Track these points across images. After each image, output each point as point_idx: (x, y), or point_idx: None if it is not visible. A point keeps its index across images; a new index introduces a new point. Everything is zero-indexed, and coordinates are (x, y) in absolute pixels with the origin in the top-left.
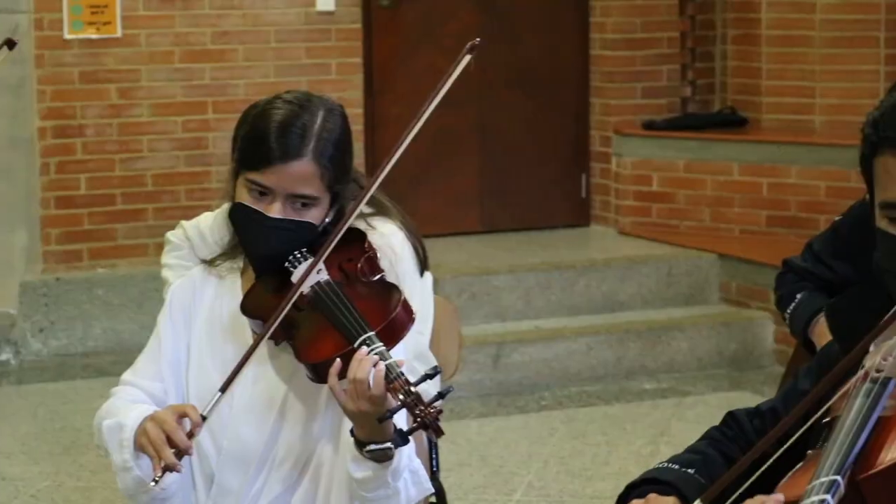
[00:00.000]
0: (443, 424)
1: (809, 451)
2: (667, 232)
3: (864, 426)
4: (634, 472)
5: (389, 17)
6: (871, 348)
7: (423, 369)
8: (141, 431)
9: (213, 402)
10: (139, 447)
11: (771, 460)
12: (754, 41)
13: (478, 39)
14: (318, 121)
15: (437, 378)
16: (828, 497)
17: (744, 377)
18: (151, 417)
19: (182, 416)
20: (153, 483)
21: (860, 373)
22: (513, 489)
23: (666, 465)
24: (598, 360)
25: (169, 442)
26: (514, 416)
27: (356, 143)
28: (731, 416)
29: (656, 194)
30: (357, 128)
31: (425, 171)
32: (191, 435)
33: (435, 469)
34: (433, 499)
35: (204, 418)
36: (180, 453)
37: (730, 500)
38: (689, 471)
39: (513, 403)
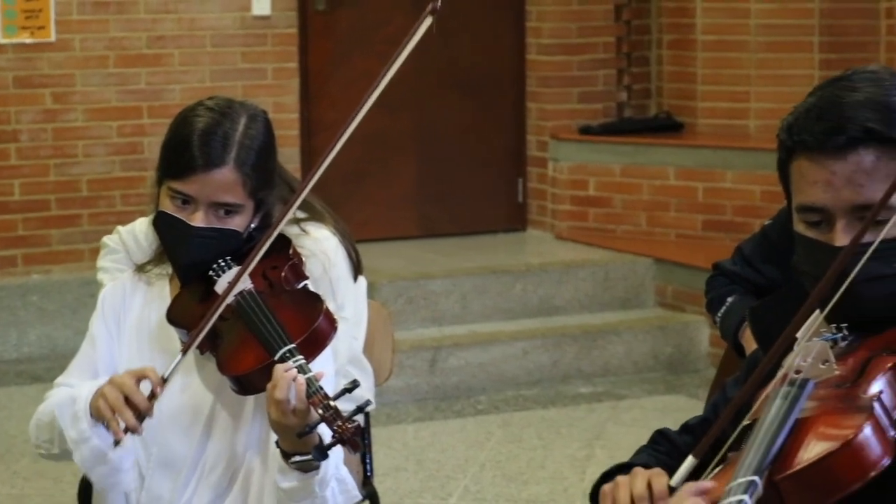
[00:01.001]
0: (379, 429)
1: (730, 454)
2: (603, 236)
3: (781, 427)
4: (570, 476)
5: (325, 22)
6: (795, 349)
7: (357, 374)
8: (98, 395)
9: (175, 363)
10: (95, 413)
11: (709, 468)
12: (690, 46)
13: (438, 2)
14: (241, 128)
15: (372, 383)
16: (745, 497)
17: (679, 381)
18: (109, 381)
19: (141, 377)
20: (115, 444)
21: (779, 374)
22: (449, 493)
23: (627, 462)
24: (535, 364)
25: (128, 403)
26: (451, 420)
27: (292, 148)
28: (660, 434)
29: (593, 199)
30: (293, 133)
31: (362, 175)
32: (152, 396)
33: (369, 474)
34: (367, 503)
35: (165, 379)
36: (141, 415)
37: None
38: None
39: (449, 408)
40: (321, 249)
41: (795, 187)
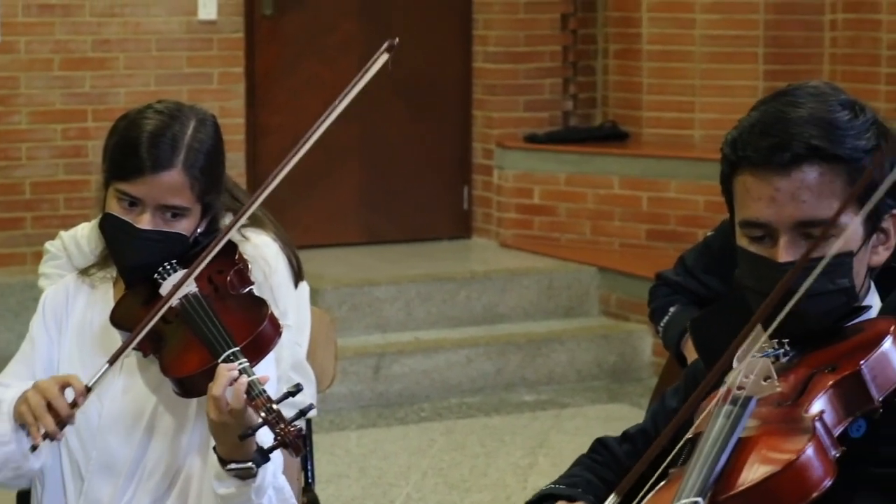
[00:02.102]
0: (322, 436)
1: (672, 470)
2: (548, 245)
3: (724, 447)
4: (512, 484)
5: (272, 27)
6: (735, 364)
7: (300, 380)
8: (21, 400)
9: (100, 373)
10: (18, 417)
11: (650, 483)
12: (635, 56)
13: (396, 39)
14: (189, 131)
15: (315, 390)
16: None
17: (622, 389)
18: (33, 386)
19: (65, 385)
20: (32, 450)
21: (722, 390)
22: (391, 500)
23: (554, 486)
24: (478, 372)
25: (50, 410)
26: (394, 427)
27: (237, 153)
28: (599, 443)
29: (538, 207)
30: (238, 138)
31: (308, 181)
32: (74, 404)
33: (310, 481)
34: None
35: (89, 389)
36: (61, 422)
37: None
38: (578, 490)
39: (392, 415)
40: (261, 256)
41: (739, 202)
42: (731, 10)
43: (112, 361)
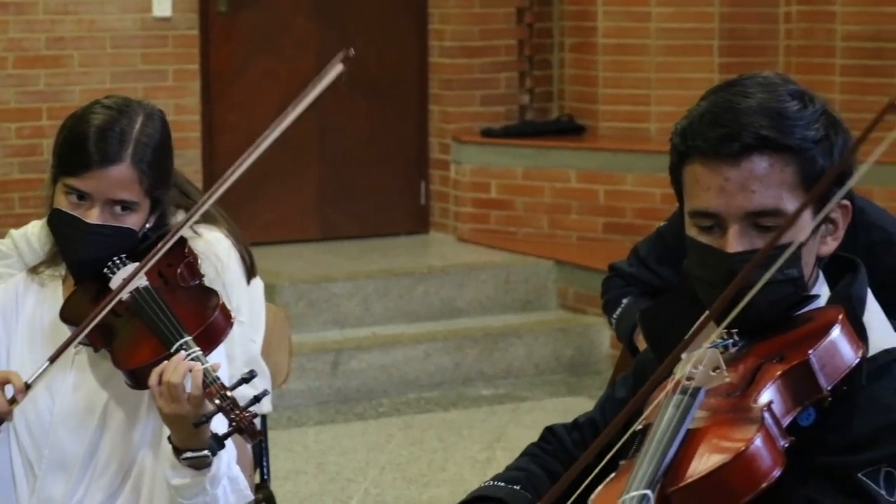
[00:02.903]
0: (279, 432)
1: (622, 462)
2: (505, 239)
3: (673, 438)
4: (470, 478)
5: (227, 24)
6: (683, 356)
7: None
8: None
9: (40, 371)
10: None
11: (593, 473)
12: (591, 49)
13: (351, 50)
14: (138, 125)
15: (269, 386)
16: None
17: (580, 383)
18: None
19: (4, 382)
20: None
21: (671, 382)
22: (349, 496)
23: (492, 483)
24: (436, 367)
25: None
26: (352, 422)
27: (193, 150)
28: (549, 431)
29: (494, 201)
30: (194, 135)
31: (265, 178)
32: (13, 401)
33: (266, 477)
34: None
35: (28, 386)
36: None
37: None
38: (516, 487)
39: (350, 410)
40: (213, 252)
41: (688, 192)
42: (686, 2)
43: (53, 359)
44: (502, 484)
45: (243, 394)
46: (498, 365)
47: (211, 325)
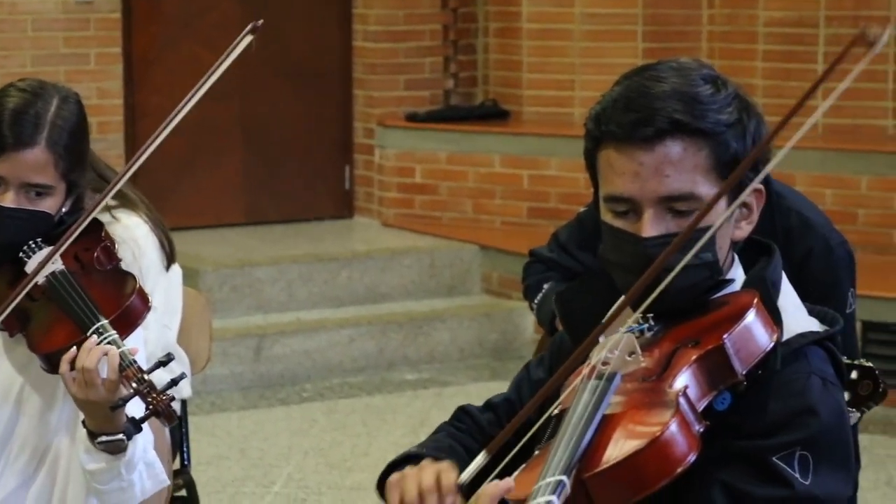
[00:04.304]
0: (203, 417)
1: (537, 447)
2: (429, 223)
3: (589, 424)
4: None
5: (150, 7)
6: (600, 340)
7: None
8: None
9: None
10: None
11: (513, 452)
12: (515, 34)
13: (260, 21)
14: (53, 108)
15: (188, 372)
16: (553, 498)
17: (504, 367)
18: None
19: None
20: None
21: (587, 367)
22: (272, 481)
23: (417, 449)
24: (360, 352)
25: None
26: (276, 408)
27: (116, 134)
28: (462, 411)
29: (419, 186)
30: (117, 119)
31: (189, 162)
32: None
33: (186, 463)
34: (184, 492)
35: None
36: None
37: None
38: (442, 454)
39: (274, 395)
40: (131, 237)
41: (603, 177)
42: None
43: None
44: (427, 449)
45: (160, 378)
46: (422, 349)
47: (127, 308)
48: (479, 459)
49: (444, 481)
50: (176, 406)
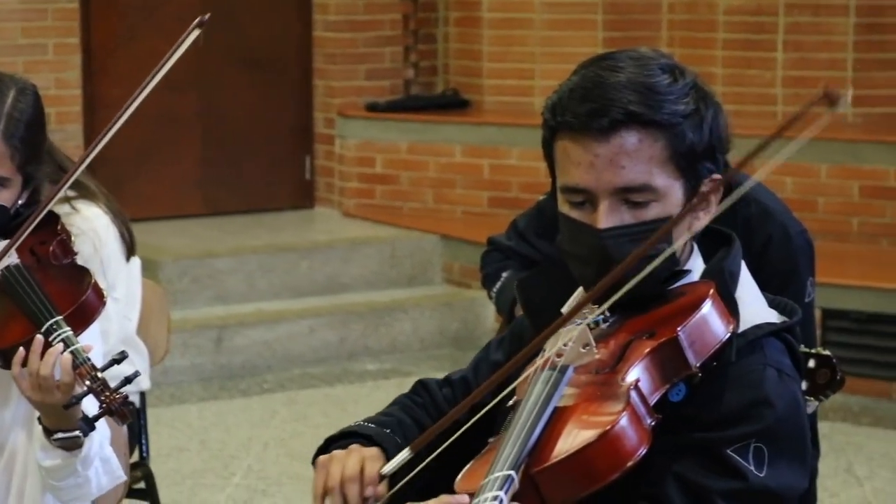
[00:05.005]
0: (163, 409)
1: (490, 439)
2: (390, 213)
3: (540, 417)
4: None
5: None
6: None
7: (131, 354)
8: None
9: None
10: None
11: (462, 429)
12: (476, 24)
13: (207, 14)
14: (9, 101)
15: (147, 363)
16: (501, 494)
17: (466, 357)
18: None
19: None
20: None
21: (541, 359)
22: (232, 473)
23: (363, 423)
24: (321, 342)
25: None
26: (236, 399)
27: (75, 125)
28: (421, 385)
29: (380, 176)
30: (75, 110)
31: (148, 153)
32: None
33: (145, 455)
34: (142, 485)
35: None
36: None
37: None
38: (386, 430)
39: (235, 387)
40: (91, 228)
41: (559, 167)
42: None
43: None
44: (373, 425)
45: (122, 371)
46: (383, 340)
47: (83, 304)
48: (404, 454)
49: (367, 471)
50: (135, 398)
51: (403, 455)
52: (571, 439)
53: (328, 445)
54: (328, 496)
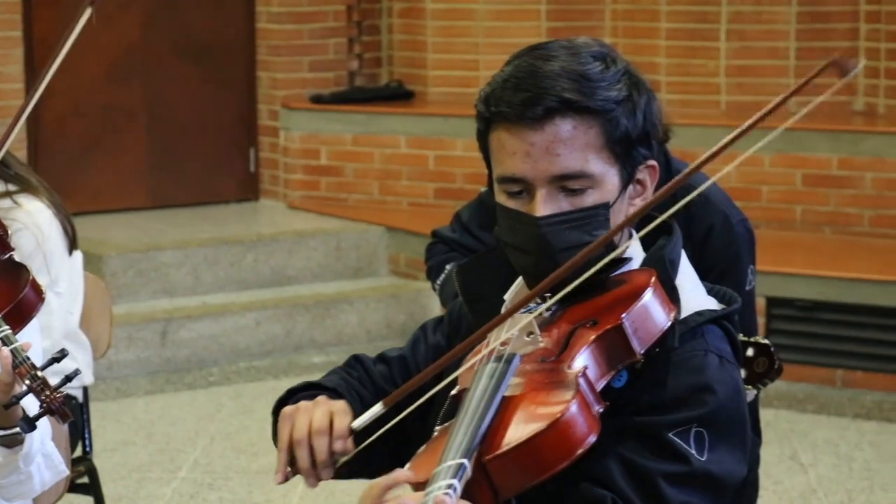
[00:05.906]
0: (108, 403)
1: (437, 428)
2: (336, 205)
3: (489, 406)
4: None
5: None
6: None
7: (73, 348)
8: None
9: None
10: None
11: (405, 412)
12: (419, 15)
13: None
14: None
15: (90, 357)
16: (454, 482)
17: None
18: None
19: None
20: None
21: (486, 347)
22: (178, 466)
23: (320, 381)
24: (267, 335)
25: None
26: (182, 392)
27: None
28: (355, 359)
29: (325, 168)
30: (17, 102)
31: (93, 146)
32: None
33: (88, 449)
34: (85, 479)
35: None
36: None
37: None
38: (341, 393)
39: (181, 380)
40: (34, 222)
41: (495, 158)
42: None
43: None
44: (335, 378)
45: (65, 367)
46: (329, 332)
47: (21, 301)
48: (376, 409)
49: (336, 424)
50: (77, 393)
51: (376, 409)
52: (522, 427)
53: (288, 398)
54: (295, 448)
